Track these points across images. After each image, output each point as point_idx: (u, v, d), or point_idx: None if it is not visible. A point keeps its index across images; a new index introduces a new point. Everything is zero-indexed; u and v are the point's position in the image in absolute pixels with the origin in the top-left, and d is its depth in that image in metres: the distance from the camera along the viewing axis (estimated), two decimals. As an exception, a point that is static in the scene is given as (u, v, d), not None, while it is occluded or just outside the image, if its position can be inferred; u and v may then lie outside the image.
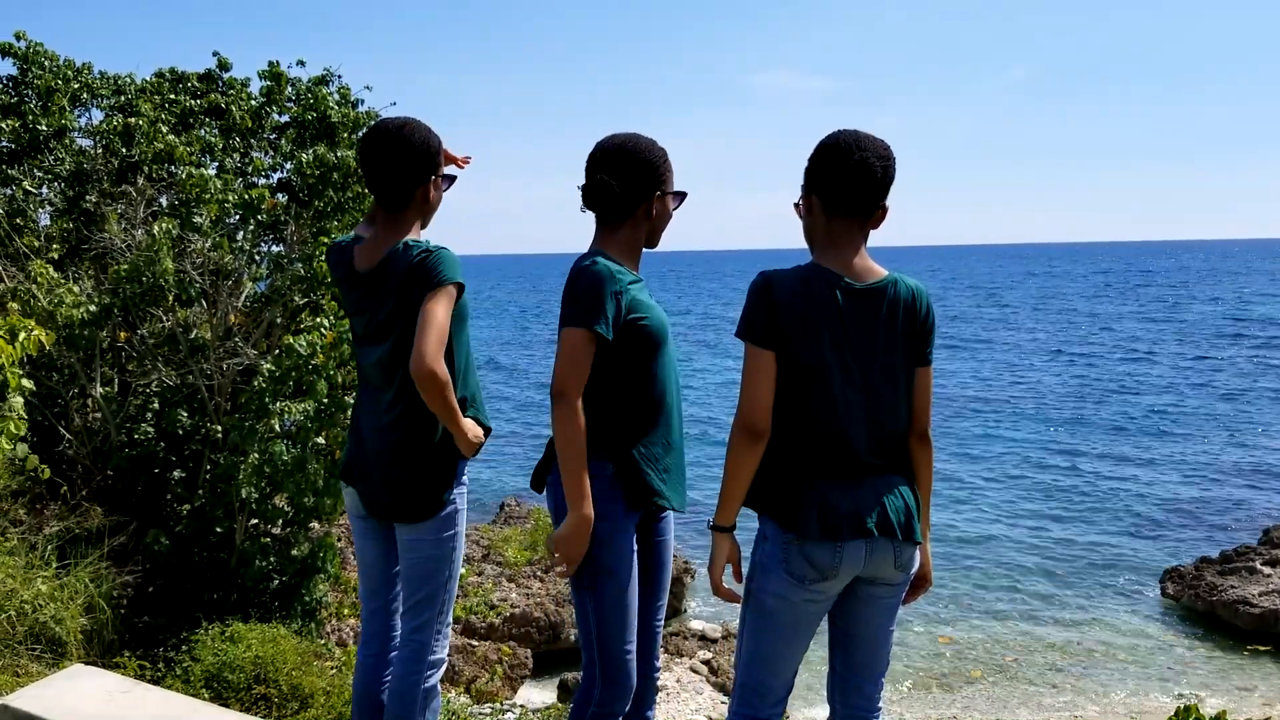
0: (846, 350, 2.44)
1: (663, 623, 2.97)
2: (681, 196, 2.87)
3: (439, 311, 2.58)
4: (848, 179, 2.46)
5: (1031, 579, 12.51)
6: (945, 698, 9.19)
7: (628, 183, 2.72)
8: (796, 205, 2.62)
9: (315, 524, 6.47)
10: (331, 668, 5.48)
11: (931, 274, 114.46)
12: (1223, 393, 26.54)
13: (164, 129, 7.18)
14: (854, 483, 2.47)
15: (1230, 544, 13.04)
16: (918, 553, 2.58)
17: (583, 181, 2.78)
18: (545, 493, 2.82)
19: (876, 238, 2.58)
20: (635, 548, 2.75)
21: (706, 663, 9.25)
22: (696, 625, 10.35)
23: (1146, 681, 9.56)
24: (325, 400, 5.70)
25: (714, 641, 9.85)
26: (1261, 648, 10.14)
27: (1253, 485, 16.84)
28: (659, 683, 3.05)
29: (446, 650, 2.91)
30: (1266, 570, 11.28)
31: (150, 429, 6.40)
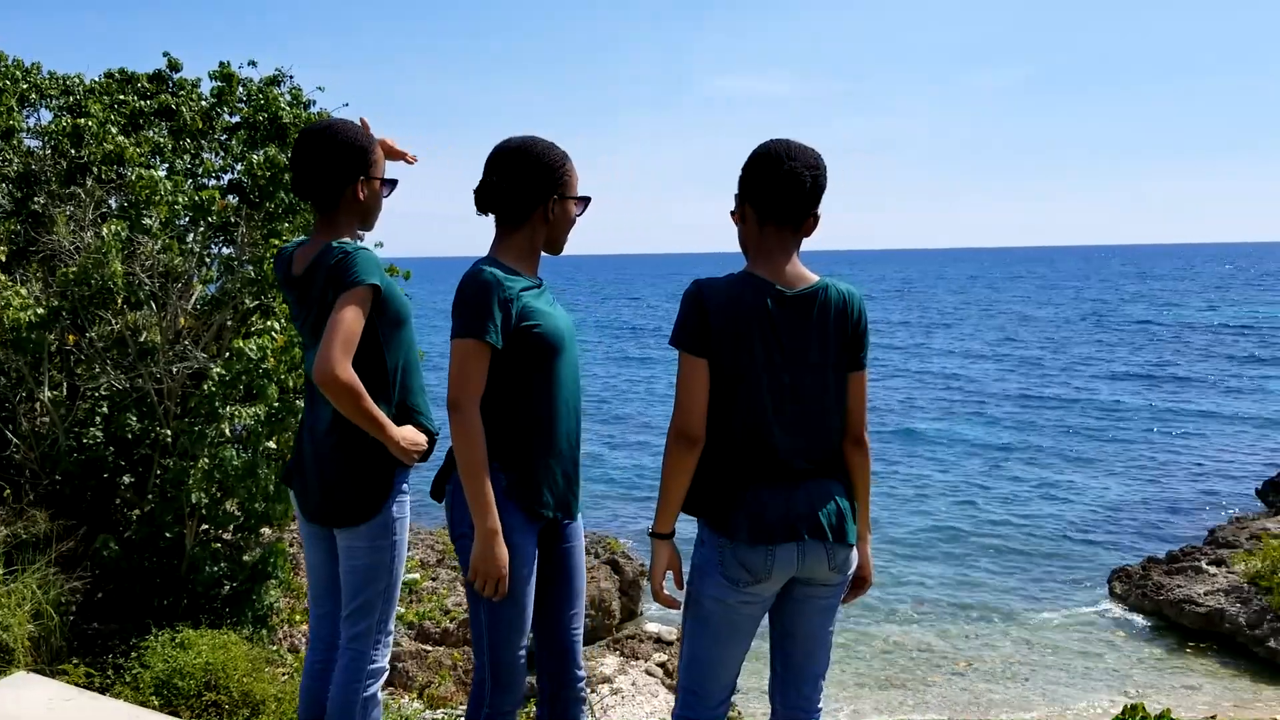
0: (778, 356, 2.48)
1: (581, 631, 2.92)
2: (585, 201, 2.80)
3: (346, 315, 2.54)
4: (778, 188, 2.49)
5: (981, 580, 12.68)
6: (897, 698, 9.30)
7: (522, 186, 2.66)
8: (733, 214, 2.66)
9: (266, 529, 6.42)
10: (283, 674, 5.45)
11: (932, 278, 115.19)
12: (1169, 395, 27.01)
13: (113, 130, 7.09)
14: (786, 487, 2.50)
15: (1177, 544, 13.29)
16: (854, 554, 2.61)
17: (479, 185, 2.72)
18: (444, 501, 2.75)
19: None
20: (534, 556, 2.70)
21: (662, 665, 9.28)
22: (652, 628, 10.39)
23: (1094, 680, 9.73)
24: (276, 405, 5.66)
25: (669, 644, 9.88)
26: (1206, 646, 10.34)
27: (1198, 485, 17.17)
28: (592, 690, 3.02)
29: (387, 659, 2.88)
30: (1212, 570, 11.50)
31: (99, 433, 6.32)
